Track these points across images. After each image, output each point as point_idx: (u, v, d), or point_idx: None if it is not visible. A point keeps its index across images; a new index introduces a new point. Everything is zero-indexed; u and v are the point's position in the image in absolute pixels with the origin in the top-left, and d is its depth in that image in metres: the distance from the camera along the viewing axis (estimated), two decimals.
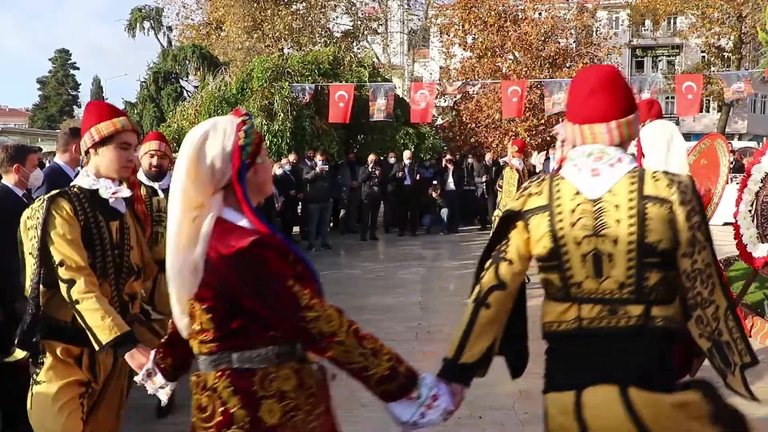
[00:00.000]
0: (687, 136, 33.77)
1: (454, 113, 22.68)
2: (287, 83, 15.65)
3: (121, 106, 29.27)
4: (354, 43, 29.40)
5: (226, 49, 27.40)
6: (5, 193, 4.52)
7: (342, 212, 16.10)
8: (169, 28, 33.54)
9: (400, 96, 20.52)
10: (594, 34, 26.05)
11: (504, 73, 22.22)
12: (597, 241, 2.04)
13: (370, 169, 14.42)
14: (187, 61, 26.89)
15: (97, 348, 2.68)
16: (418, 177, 15.35)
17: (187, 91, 27.55)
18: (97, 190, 2.89)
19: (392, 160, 15.47)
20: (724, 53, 30.29)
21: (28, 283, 2.87)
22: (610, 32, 27.09)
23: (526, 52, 22.40)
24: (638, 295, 2.02)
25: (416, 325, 7.49)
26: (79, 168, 5.80)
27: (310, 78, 16.29)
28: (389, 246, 11.61)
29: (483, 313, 2.19)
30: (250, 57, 23.46)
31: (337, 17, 30.39)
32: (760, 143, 28.41)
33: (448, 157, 16.84)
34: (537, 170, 16.30)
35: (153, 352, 2.41)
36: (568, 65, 22.96)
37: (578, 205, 2.07)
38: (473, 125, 21.51)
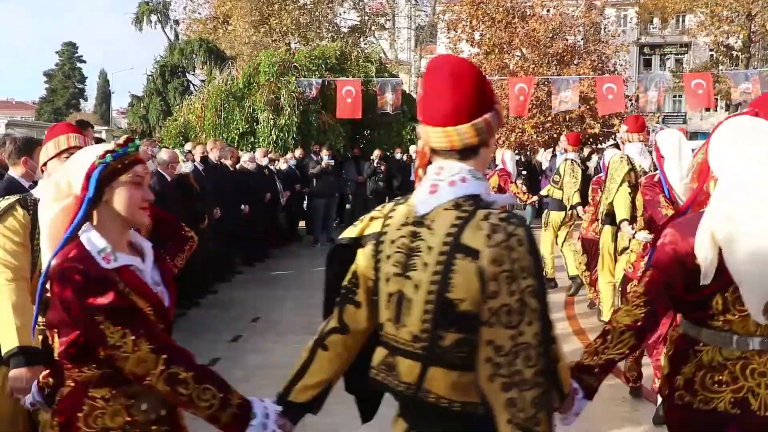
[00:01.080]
0: (694, 135, 33.72)
1: None
2: (294, 78, 15.63)
3: (127, 100, 29.20)
4: (361, 39, 29.35)
5: (233, 43, 27.42)
6: (12, 185, 4.51)
7: (347, 207, 16.08)
8: (176, 22, 33.60)
9: (407, 91, 20.49)
10: (602, 31, 25.95)
11: (511, 70, 22.17)
12: (403, 282, 1.78)
13: (375, 165, 14.40)
14: (193, 55, 26.87)
15: None
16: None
17: (193, 84, 27.56)
18: None
19: (398, 156, 15.43)
20: (733, 52, 30.10)
21: None
22: (618, 30, 26.98)
23: (534, 48, 22.35)
24: (429, 354, 1.74)
25: None
26: None
27: (317, 73, 16.27)
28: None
29: (320, 354, 1.99)
30: (257, 51, 23.44)
31: (344, 12, 30.36)
32: None
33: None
34: (543, 167, 16.33)
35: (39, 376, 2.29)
36: (575, 62, 22.89)
37: (400, 237, 1.80)
38: None
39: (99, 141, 7.23)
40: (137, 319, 1.89)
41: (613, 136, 20.02)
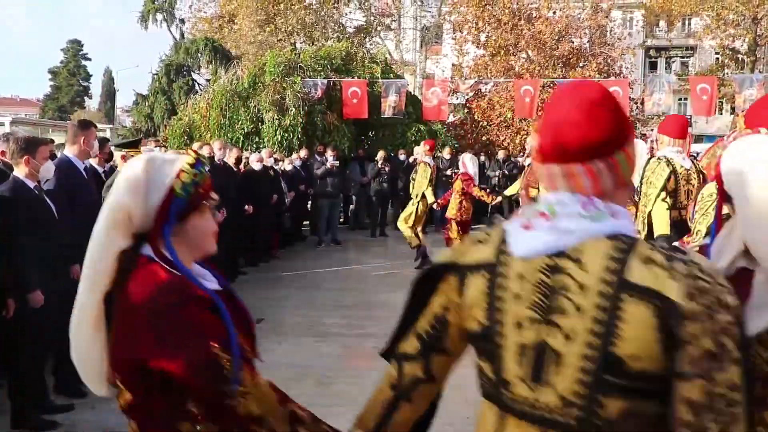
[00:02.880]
0: (699, 138, 33.67)
1: (465, 111, 22.60)
2: (299, 78, 15.62)
3: (132, 98, 29.13)
4: (367, 39, 29.33)
5: (238, 42, 27.39)
6: (17, 185, 4.50)
7: (351, 208, 16.07)
8: (182, 21, 33.62)
9: (412, 93, 20.47)
10: (608, 34, 25.89)
11: (517, 72, 22.13)
12: (546, 330, 1.40)
13: (379, 166, 14.39)
14: (199, 54, 26.89)
15: None
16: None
17: (198, 84, 27.54)
18: None
19: (402, 157, 15.41)
20: (739, 55, 30.05)
21: None
22: (624, 32, 26.92)
23: (540, 51, 22.32)
24: (585, 426, 1.37)
25: None
26: (88, 161, 5.80)
27: (322, 73, 16.26)
28: (399, 243, 11.58)
29: (403, 407, 1.68)
30: (263, 51, 23.42)
31: (350, 12, 30.32)
32: None
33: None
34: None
35: None
36: (581, 65, 22.85)
37: (531, 271, 1.43)
38: (485, 123, 21.43)
39: (103, 141, 7.20)
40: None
41: None
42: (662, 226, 5.18)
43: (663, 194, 5.18)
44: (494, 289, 1.47)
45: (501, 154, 17.12)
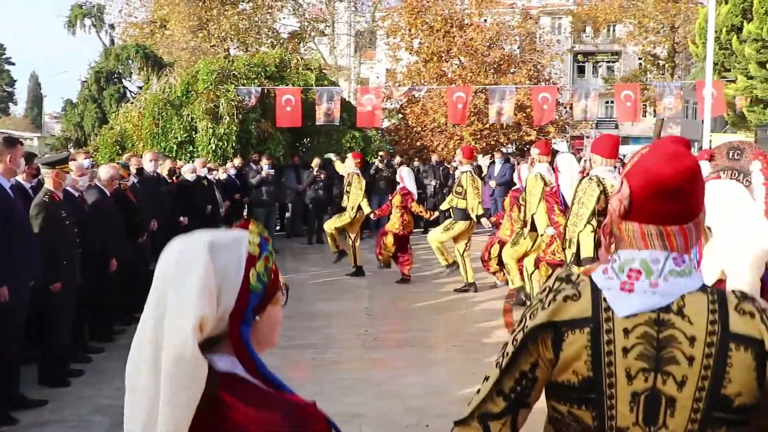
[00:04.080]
0: (625, 140, 34.79)
1: (400, 116, 22.90)
2: (233, 86, 15.57)
3: (60, 105, 28.22)
4: (301, 45, 29.33)
5: (170, 48, 27.00)
6: None
7: (287, 216, 16.10)
8: (112, 26, 32.83)
9: (347, 99, 20.62)
10: (537, 40, 26.61)
11: (449, 78, 22.55)
12: (657, 378, 1.57)
13: (315, 173, 14.49)
14: (130, 61, 26.35)
15: None
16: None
17: (130, 91, 27.04)
18: None
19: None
20: (659, 61, 31.34)
21: None
22: (553, 39, 27.72)
23: (472, 57, 22.78)
24: None
25: (363, 332, 7.60)
26: (14, 179, 5.75)
27: (256, 81, 16.24)
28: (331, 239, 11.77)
29: None
30: (196, 57, 23.22)
31: (283, 18, 30.27)
32: (693, 147, 29.43)
33: (398, 159, 17.12)
34: (482, 174, 16.72)
35: None
36: (512, 71, 23.42)
37: (636, 325, 1.58)
38: (419, 129, 21.76)
39: (30, 156, 7.08)
40: None
41: (526, 150, 20.71)
42: (587, 249, 5.49)
43: (592, 218, 5.46)
44: (599, 343, 1.59)
45: (434, 159, 17.47)
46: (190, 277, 1.30)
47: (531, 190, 7.87)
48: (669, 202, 1.59)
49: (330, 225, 10.71)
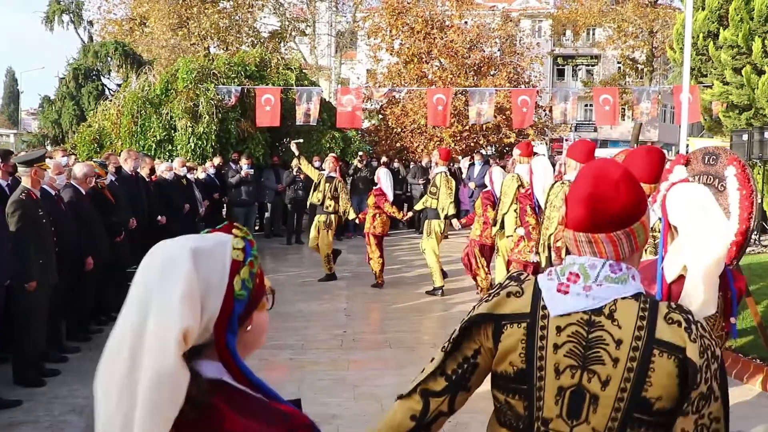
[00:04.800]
0: (604, 143, 35.16)
1: (380, 117, 22.92)
2: (213, 85, 15.50)
3: (38, 102, 27.83)
4: (281, 44, 29.25)
5: (150, 46, 26.78)
6: None
7: (267, 216, 16.07)
8: (90, 23, 32.48)
9: (327, 99, 20.60)
10: (518, 43, 26.76)
11: (429, 79, 22.60)
12: (583, 376, 1.67)
13: (294, 173, 14.47)
14: (109, 58, 26.06)
15: None
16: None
17: (109, 89, 26.75)
18: None
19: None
20: (638, 65, 31.67)
21: None
22: (533, 42, 27.91)
23: (452, 59, 22.85)
24: None
25: (342, 332, 7.61)
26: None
27: (236, 80, 16.18)
28: (315, 250, 11.72)
29: None
30: (175, 55, 23.05)
31: (264, 17, 30.17)
32: (670, 150, 29.83)
33: (384, 159, 17.15)
34: (463, 175, 16.80)
35: None
36: (492, 73, 23.54)
37: (569, 324, 1.68)
38: (399, 130, 21.80)
39: (7, 154, 7.02)
40: None
41: (506, 153, 20.86)
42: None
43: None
44: (533, 338, 1.70)
45: (424, 161, 17.47)
46: (173, 287, 1.25)
47: (506, 191, 8.02)
48: (588, 210, 1.70)
49: (326, 244, 10.51)
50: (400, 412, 1.83)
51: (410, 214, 11.18)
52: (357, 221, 10.76)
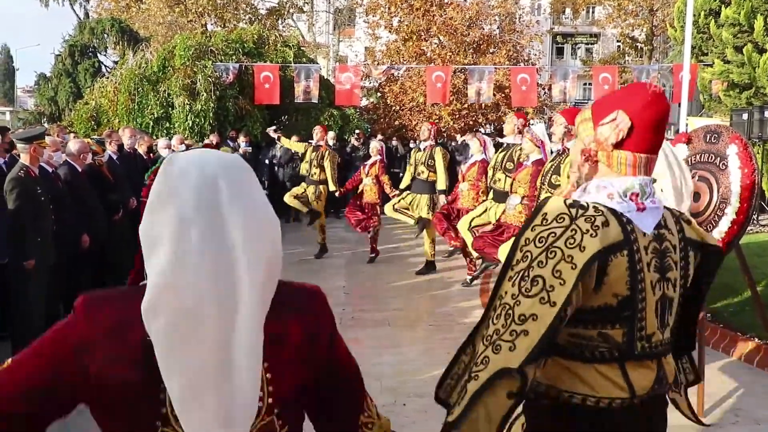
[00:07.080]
0: None
1: (378, 95, 22.80)
2: (210, 62, 15.40)
3: (33, 79, 27.66)
4: (279, 21, 29.01)
5: (146, 23, 26.57)
6: None
7: (265, 194, 16.02)
8: None
9: (325, 77, 20.47)
10: (517, 21, 26.55)
11: (428, 57, 22.44)
12: (665, 285, 1.82)
13: (292, 151, 14.38)
14: (105, 35, 25.87)
15: None
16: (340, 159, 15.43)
17: (105, 66, 26.56)
18: None
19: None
20: (638, 44, 31.46)
21: None
22: (533, 20, 27.67)
23: (451, 36, 22.67)
24: (668, 346, 1.89)
25: (341, 311, 7.60)
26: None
27: (234, 57, 16.08)
28: (312, 228, 11.72)
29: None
30: (172, 32, 22.89)
31: None
32: (670, 130, 29.72)
33: (379, 137, 17.07)
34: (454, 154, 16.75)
35: None
36: (491, 51, 23.37)
37: (650, 242, 1.78)
38: (397, 108, 21.69)
39: (3, 130, 6.98)
40: None
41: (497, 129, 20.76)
42: None
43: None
44: (633, 263, 1.74)
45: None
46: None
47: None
48: (661, 134, 1.82)
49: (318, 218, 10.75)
50: (503, 388, 1.63)
51: (396, 192, 10.97)
52: (337, 194, 10.79)
